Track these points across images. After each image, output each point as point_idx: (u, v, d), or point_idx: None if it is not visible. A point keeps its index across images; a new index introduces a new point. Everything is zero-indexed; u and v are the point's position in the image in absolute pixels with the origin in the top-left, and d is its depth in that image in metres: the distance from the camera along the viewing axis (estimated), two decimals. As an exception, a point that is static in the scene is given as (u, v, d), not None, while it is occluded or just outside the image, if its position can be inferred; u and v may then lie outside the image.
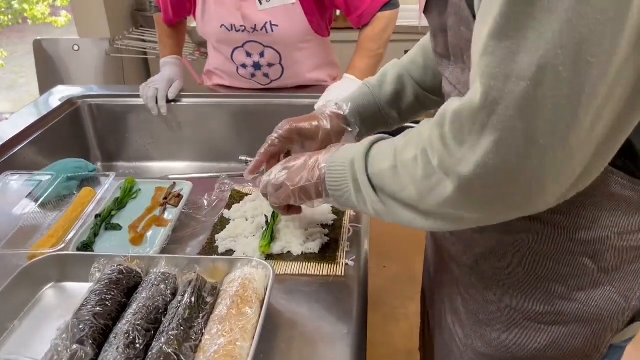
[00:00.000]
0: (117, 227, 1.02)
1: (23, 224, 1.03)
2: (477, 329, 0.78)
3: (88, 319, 0.75)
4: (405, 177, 0.60)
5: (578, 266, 0.66)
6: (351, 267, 0.92)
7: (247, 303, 0.77)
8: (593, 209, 0.62)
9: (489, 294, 0.75)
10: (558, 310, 0.70)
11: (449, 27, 0.62)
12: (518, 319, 0.73)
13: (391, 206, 0.64)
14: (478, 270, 0.75)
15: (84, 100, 1.64)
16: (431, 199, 0.57)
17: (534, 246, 0.67)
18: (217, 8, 1.43)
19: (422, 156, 0.57)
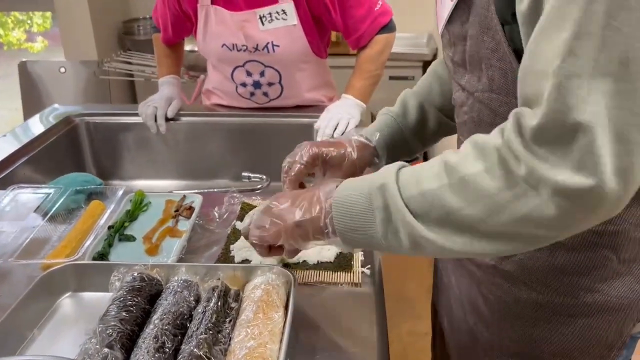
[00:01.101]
0: (130, 238, 1.02)
1: (33, 236, 1.02)
2: (503, 325, 0.80)
3: (114, 325, 0.75)
4: (468, 193, 0.55)
5: (600, 258, 0.69)
6: (367, 275, 0.94)
7: (273, 308, 0.79)
8: None
9: (514, 292, 0.77)
10: (582, 302, 0.72)
11: (469, 37, 0.65)
12: (544, 314, 0.75)
13: (438, 232, 0.58)
14: (501, 270, 0.77)
15: (81, 118, 1.65)
16: (504, 216, 0.53)
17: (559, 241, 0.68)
18: (218, 27, 1.46)
19: (500, 167, 0.53)
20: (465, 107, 0.74)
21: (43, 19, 5.97)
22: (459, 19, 0.67)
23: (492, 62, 0.63)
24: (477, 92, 0.69)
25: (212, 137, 1.62)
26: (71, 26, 2.87)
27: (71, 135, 1.63)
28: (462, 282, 0.87)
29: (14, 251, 0.96)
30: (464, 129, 0.76)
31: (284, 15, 1.41)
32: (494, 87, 0.65)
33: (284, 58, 1.49)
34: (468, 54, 0.67)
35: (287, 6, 1.40)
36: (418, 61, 2.93)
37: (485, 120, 0.69)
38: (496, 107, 0.66)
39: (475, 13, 0.62)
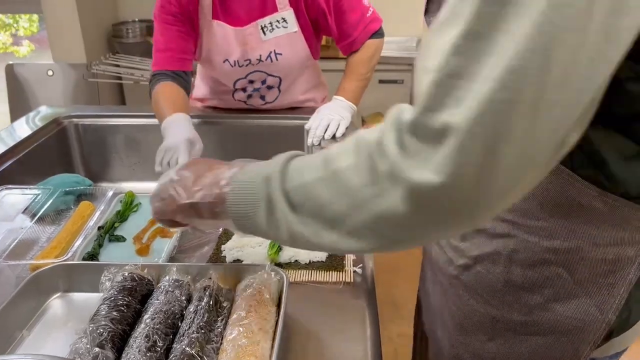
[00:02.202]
0: (121, 238, 1.01)
1: (21, 237, 1.01)
2: (462, 339, 0.80)
3: (105, 324, 0.74)
4: (335, 188, 0.53)
5: (553, 276, 0.67)
6: (359, 274, 0.94)
7: (265, 306, 0.79)
8: (568, 218, 0.63)
9: (473, 304, 0.76)
10: (536, 320, 0.71)
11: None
12: (500, 329, 0.74)
13: (311, 226, 0.56)
14: (462, 281, 0.76)
15: (70, 120, 1.63)
16: (364, 213, 0.51)
17: (511, 254, 0.68)
18: (221, 43, 1.43)
19: (367, 162, 0.51)
20: None
21: (30, 22, 5.92)
22: (436, 11, 0.65)
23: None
24: None
25: (204, 139, 1.61)
26: (59, 28, 2.85)
27: (60, 136, 1.61)
28: (435, 290, 0.87)
29: (2, 252, 0.95)
30: None
31: (285, 23, 1.41)
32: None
33: (287, 65, 1.48)
34: None
35: (287, 14, 1.40)
36: (407, 65, 2.95)
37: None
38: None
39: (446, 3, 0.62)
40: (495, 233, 0.69)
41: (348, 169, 0.52)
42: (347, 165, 0.52)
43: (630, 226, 0.63)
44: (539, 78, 0.41)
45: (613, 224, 0.63)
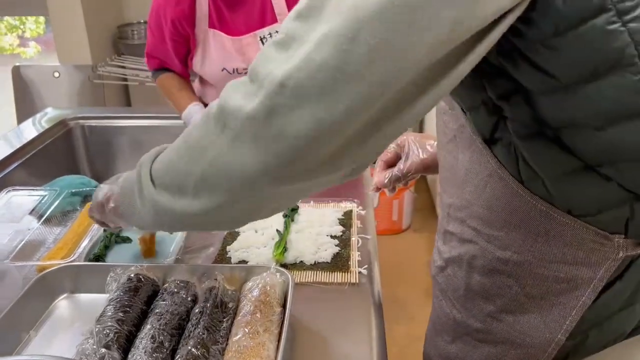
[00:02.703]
0: (127, 239, 1.02)
1: (28, 238, 1.02)
2: (432, 338, 0.82)
3: (112, 325, 0.75)
4: (182, 150, 0.58)
5: (504, 286, 0.68)
6: (364, 275, 0.94)
7: (270, 307, 0.79)
8: (519, 230, 0.63)
9: (442, 305, 0.78)
10: (488, 329, 0.72)
11: None
12: (460, 333, 0.76)
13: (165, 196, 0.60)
14: (438, 282, 0.79)
15: (76, 121, 1.64)
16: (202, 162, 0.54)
17: (471, 260, 0.70)
18: (218, 52, 1.43)
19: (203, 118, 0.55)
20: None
21: (36, 24, 5.96)
22: None
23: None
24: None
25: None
26: (65, 30, 2.86)
27: (66, 138, 1.62)
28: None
29: (9, 253, 0.96)
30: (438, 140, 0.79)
31: None
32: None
33: None
34: None
35: None
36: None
37: (441, 128, 0.72)
38: (441, 114, 0.69)
39: None
40: (463, 238, 0.71)
41: (192, 130, 0.57)
42: (192, 127, 0.57)
43: (585, 246, 0.61)
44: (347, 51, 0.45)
45: (564, 242, 0.61)
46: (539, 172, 0.58)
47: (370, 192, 1.03)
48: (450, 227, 0.74)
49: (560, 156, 0.56)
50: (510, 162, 0.60)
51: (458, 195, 0.70)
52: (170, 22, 1.41)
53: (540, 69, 0.51)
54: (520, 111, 0.56)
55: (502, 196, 0.63)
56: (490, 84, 0.56)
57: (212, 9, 1.40)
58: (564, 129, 0.54)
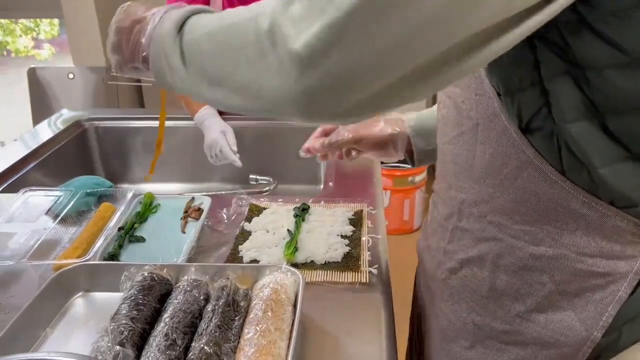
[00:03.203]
0: (140, 239, 1.03)
1: (44, 238, 1.03)
2: (444, 345, 0.78)
3: (126, 323, 0.76)
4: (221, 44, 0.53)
5: (536, 284, 0.65)
6: (374, 274, 0.94)
7: (282, 306, 0.80)
8: (555, 224, 0.61)
9: (457, 309, 0.75)
10: (517, 330, 0.69)
11: None
12: (481, 337, 0.73)
13: (197, 84, 0.57)
14: (449, 285, 0.75)
15: (90, 122, 1.67)
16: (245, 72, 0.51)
17: (497, 259, 0.67)
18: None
19: (252, 22, 0.50)
20: (441, 104, 0.73)
21: (51, 26, 6.03)
22: None
23: None
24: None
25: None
26: (79, 32, 2.90)
27: (80, 139, 1.65)
28: (425, 297, 0.87)
29: (26, 252, 0.98)
30: (439, 128, 0.76)
31: None
32: (459, 81, 0.63)
33: None
34: None
35: None
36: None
37: (450, 118, 0.69)
38: (459, 103, 0.65)
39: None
40: (482, 236, 0.68)
41: (234, 24, 0.52)
42: (234, 21, 0.52)
43: (623, 239, 0.60)
44: None
45: (604, 234, 0.60)
46: (584, 160, 0.56)
47: (300, 152, 1.03)
48: (462, 224, 0.71)
49: (608, 144, 0.55)
50: (551, 152, 0.58)
51: (475, 189, 0.67)
52: None
53: (610, 41, 0.48)
54: (570, 94, 0.54)
55: (537, 188, 0.60)
56: (545, 62, 0.54)
57: (227, 6, 1.42)
58: (614, 115, 0.53)
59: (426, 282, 0.86)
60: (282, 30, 0.46)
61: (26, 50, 6.40)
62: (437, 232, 0.78)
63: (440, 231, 0.77)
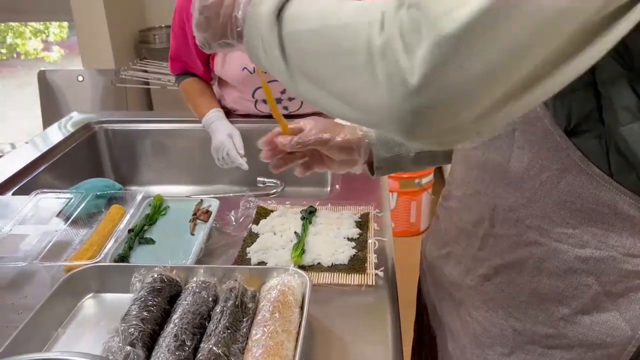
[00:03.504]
0: (150, 241, 1.05)
1: (56, 239, 1.05)
2: (479, 353, 0.77)
3: (136, 324, 0.77)
4: (326, 44, 0.51)
5: (581, 286, 0.65)
6: (380, 277, 0.95)
7: (289, 308, 0.81)
8: (600, 225, 0.61)
9: (492, 316, 0.74)
10: (561, 333, 0.68)
11: None
12: (521, 342, 0.72)
13: (298, 80, 0.55)
14: (482, 292, 0.74)
15: (100, 125, 1.69)
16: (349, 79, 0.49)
17: (538, 263, 0.67)
18: (239, 52, 1.45)
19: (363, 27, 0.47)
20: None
21: (60, 28, 6.08)
22: None
23: None
24: None
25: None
26: (89, 35, 2.93)
27: (90, 142, 1.67)
28: (443, 306, 0.86)
29: (38, 254, 0.99)
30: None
31: None
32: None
33: None
34: None
35: None
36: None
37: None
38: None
39: None
40: (520, 241, 0.67)
41: (343, 28, 0.49)
42: (343, 23, 0.49)
43: None
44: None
45: None
46: (634, 162, 0.56)
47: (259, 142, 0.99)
48: (496, 230, 0.70)
49: None
50: (598, 154, 0.58)
51: (510, 194, 0.67)
52: (188, 22, 1.44)
53: None
54: (625, 97, 0.54)
55: (581, 190, 0.61)
56: (601, 64, 0.51)
57: None
58: None
59: (444, 292, 0.84)
60: (393, 43, 0.44)
61: (36, 52, 6.45)
62: (461, 239, 0.77)
63: (465, 238, 0.76)
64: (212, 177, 1.68)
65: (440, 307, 0.88)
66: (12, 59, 6.57)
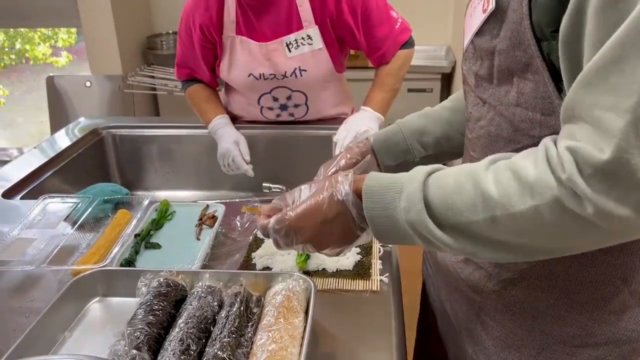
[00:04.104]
0: (156, 245, 1.06)
1: (63, 243, 1.06)
2: (505, 355, 0.78)
3: (142, 328, 0.78)
4: (525, 224, 0.56)
5: (612, 290, 0.68)
6: (385, 283, 0.96)
7: (293, 313, 0.81)
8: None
9: (518, 319, 0.75)
10: (590, 332, 0.71)
11: (498, 51, 0.64)
12: (549, 343, 0.74)
13: (481, 250, 0.61)
14: (506, 296, 0.75)
15: (107, 130, 1.70)
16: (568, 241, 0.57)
17: (570, 271, 0.69)
18: (245, 58, 1.47)
19: (552, 206, 0.54)
20: (482, 122, 0.73)
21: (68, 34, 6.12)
22: (489, 33, 0.66)
23: (526, 75, 0.62)
24: (500, 105, 0.68)
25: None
26: (97, 42, 2.96)
27: (97, 147, 1.68)
28: (458, 309, 0.86)
29: (46, 258, 1.00)
30: (478, 144, 0.76)
31: (310, 40, 1.44)
32: (521, 101, 0.64)
33: (311, 81, 1.51)
34: (497, 68, 0.66)
35: (312, 31, 1.43)
36: (437, 74, 2.96)
37: (502, 135, 0.69)
38: (518, 122, 0.66)
39: (508, 27, 0.62)
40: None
41: (529, 211, 0.55)
42: (526, 208, 0.55)
43: None
44: None
45: None
46: None
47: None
48: None
49: None
50: None
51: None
52: (198, 27, 1.46)
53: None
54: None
55: None
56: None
57: (240, 16, 1.44)
58: None
59: (461, 295, 0.85)
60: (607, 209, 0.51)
61: (44, 57, 6.50)
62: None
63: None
64: (218, 182, 1.68)
65: (455, 311, 0.87)
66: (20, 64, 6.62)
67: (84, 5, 2.89)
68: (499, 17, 0.63)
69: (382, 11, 1.46)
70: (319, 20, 1.42)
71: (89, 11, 2.89)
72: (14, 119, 6.09)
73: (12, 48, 6.35)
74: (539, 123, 0.63)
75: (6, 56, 6.30)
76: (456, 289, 0.85)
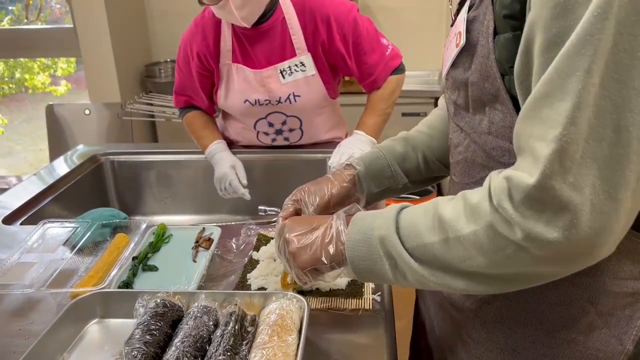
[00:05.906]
0: (153, 268, 1.08)
1: (62, 267, 1.08)
2: None
3: (139, 347, 0.80)
4: (466, 250, 0.62)
5: (579, 310, 0.71)
6: (377, 301, 0.98)
7: (287, 331, 0.83)
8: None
9: (493, 337, 0.78)
10: (559, 353, 0.73)
11: (470, 83, 0.69)
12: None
13: (442, 277, 0.66)
14: (482, 314, 0.78)
15: (106, 157, 1.73)
16: (502, 268, 0.61)
17: (539, 291, 0.71)
18: (241, 85, 1.52)
19: (491, 230, 0.59)
20: (460, 148, 0.77)
21: (67, 63, 6.19)
22: (462, 65, 0.70)
23: (495, 105, 0.66)
24: (474, 133, 0.72)
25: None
26: (96, 71, 3.01)
27: (96, 173, 1.71)
28: (442, 326, 0.89)
29: (45, 281, 1.02)
30: (457, 168, 0.79)
31: (303, 67, 1.49)
32: (493, 130, 0.68)
33: (305, 106, 1.56)
34: (471, 98, 0.70)
35: (305, 58, 1.48)
36: (430, 98, 3.01)
37: (477, 162, 0.73)
38: (490, 149, 0.69)
39: (477, 61, 0.66)
40: None
41: (472, 235, 0.61)
42: (469, 232, 0.61)
43: None
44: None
45: (633, 259, 0.68)
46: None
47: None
48: None
49: None
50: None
51: None
52: (196, 55, 1.50)
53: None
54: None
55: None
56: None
57: (236, 45, 1.49)
58: None
59: (444, 314, 0.88)
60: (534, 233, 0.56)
61: (43, 86, 6.56)
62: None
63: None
64: (215, 206, 1.71)
65: (440, 328, 0.90)
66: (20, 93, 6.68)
67: (84, 35, 2.95)
68: (470, 51, 0.68)
69: (373, 39, 1.51)
70: (312, 47, 1.47)
71: (89, 41, 2.95)
72: (13, 147, 6.12)
73: (11, 77, 6.41)
74: (508, 151, 0.67)
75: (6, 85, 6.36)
76: (441, 306, 0.89)
